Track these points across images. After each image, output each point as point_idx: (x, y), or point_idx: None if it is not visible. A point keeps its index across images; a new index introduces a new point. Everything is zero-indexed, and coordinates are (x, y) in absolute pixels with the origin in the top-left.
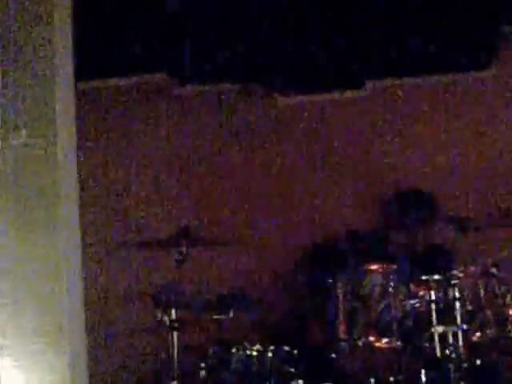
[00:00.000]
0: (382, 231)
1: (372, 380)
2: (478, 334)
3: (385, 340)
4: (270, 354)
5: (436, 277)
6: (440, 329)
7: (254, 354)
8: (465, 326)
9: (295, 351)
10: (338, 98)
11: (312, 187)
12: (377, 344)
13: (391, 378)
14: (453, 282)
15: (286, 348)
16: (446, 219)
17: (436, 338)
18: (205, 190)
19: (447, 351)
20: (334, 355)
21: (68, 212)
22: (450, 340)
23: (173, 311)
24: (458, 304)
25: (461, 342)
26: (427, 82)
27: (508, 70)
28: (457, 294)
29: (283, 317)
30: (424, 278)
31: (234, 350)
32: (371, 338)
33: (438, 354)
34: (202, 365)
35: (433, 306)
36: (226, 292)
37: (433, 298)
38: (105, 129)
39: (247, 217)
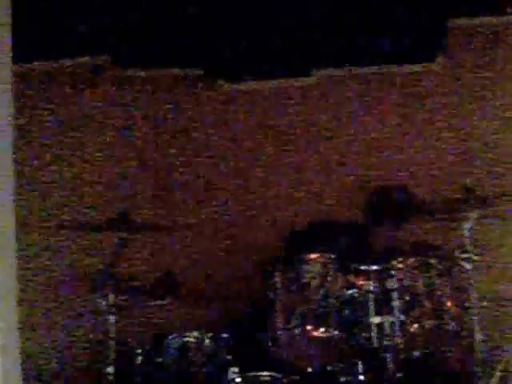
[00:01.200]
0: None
1: (309, 369)
2: (415, 325)
3: (322, 329)
4: (207, 341)
5: (375, 267)
6: (377, 319)
7: (192, 340)
8: (402, 317)
9: (233, 339)
10: (285, 85)
11: (258, 175)
12: (314, 333)
13: (328, 368)
14: (391, 272)
15: (224, 335)
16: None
17: (373, 328)
18: (146, 174)
19: (384, 342)
20: (271, 344)
21: (2, 195)
22: (387, 331)
23: (110, 296)
24: (395, 295)
25: (398, 333)
26: (375, 72)
27: (455, 63)
28: (395, 285)
29: (222, 304)
30: (363, 268)
31: (171, 337)
32: (308, 327)
33: (375, 344)
34: (139, 350)
35: (371, 296)
36: (164, 278)
37: (371, 288)
38: (45, 111)
39: (192, 203)
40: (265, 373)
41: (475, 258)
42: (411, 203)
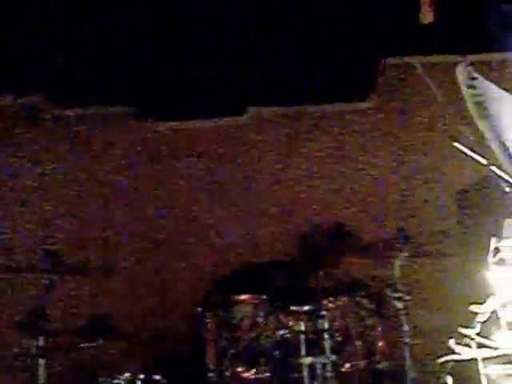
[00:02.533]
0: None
1: None
2: (347, 365)
3: (253, 371)
4: (139, 383)
5: (305, 308)
6: (309, 360)
7: (123, 382)
8: (334, 357)
9: (165, 380)
10: (219, 124)
11: (192, 213)
12: (245, 375)
13: None
14: (322, 313)
15: (157, 377)
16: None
17: (305, 368)
18: (75, 214)
19: (316, 382)
20: None
21: None
22: (319, 371)
23: (40, 338)
24: (326, 335)
25: (329, 374)
26: (307, 110)
27: (386, 102)
28: (326, 325)
29: (155, 346)
30: (293, 308)
31: (101, 379)
32: (239, 369)
33: None
34: None
35: (302, 337)
36: (94, 319)
37: (302, 328)
38: None
39: (121, 243)
40: None
41: (406, 297)
42: (345, 242)
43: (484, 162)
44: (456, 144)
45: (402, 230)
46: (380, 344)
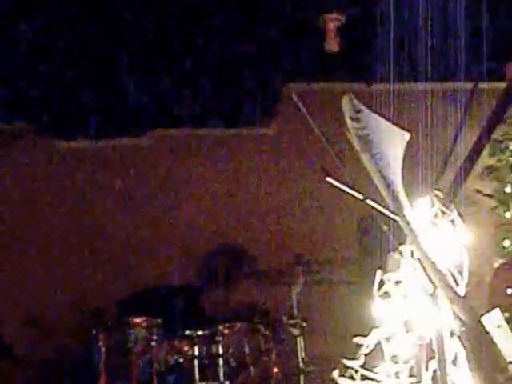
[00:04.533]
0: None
1: None
2: None
3: None
4: None
5: (200, 332)
6: None
7: None
8: (228, 383)
9: None
10: (119, 144)
11: (90, 233)
12: None
13: None
14: (217, 338)
15: None
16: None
17: None
18: None
19: None
20: None
21: None
22: None
23: None
24: (221, 360)
25: None
26: (211, 134)
27: (286, 128)
28: (220, 351)
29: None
30: (188, 333)
31: None
32: None
33: None
34: None
35: (196, 362)
36: None
37: (196, 353)
38: None
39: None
40: None
41: (303, 323)
42: (243, 268)
43: (360, 197)
44: (328, 179)
45: (300, 256)
46: (275, 370)
